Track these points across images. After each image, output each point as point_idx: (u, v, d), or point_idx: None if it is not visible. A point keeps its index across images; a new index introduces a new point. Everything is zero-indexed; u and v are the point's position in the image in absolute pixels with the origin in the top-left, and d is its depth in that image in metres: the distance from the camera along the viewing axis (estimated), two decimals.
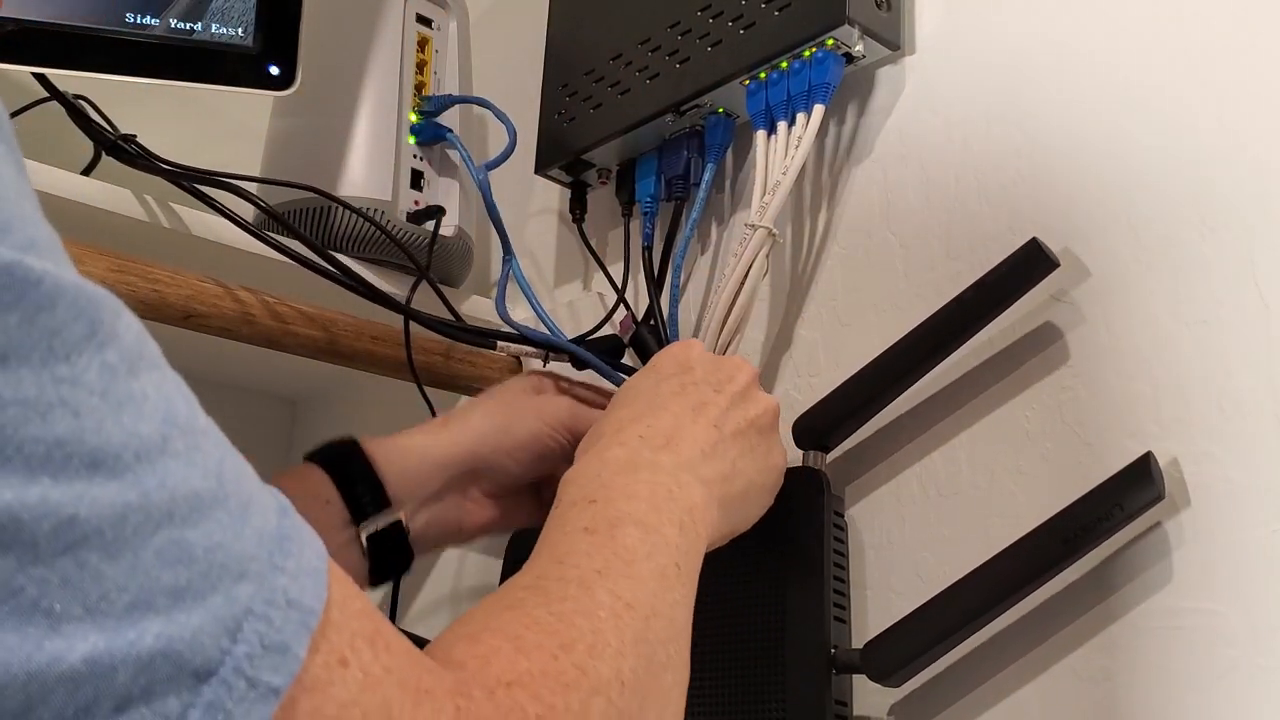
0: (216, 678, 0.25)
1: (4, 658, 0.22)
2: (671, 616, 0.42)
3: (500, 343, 0.74)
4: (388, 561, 0.61)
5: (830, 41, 0.68)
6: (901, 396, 0.64)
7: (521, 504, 0.67)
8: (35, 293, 0.25)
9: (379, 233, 0.81)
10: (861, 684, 0.59)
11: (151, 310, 0.67)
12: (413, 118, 0.85)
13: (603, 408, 0.65)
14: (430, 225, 0.83)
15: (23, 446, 0.24)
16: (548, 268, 0.97)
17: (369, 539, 0.60)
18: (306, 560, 0.29)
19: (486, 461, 0.64)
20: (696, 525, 0.49)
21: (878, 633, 0.58)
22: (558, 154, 0.85)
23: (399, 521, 0.61)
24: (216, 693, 0.25)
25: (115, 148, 0.70)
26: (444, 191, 0.87)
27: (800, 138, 0.68)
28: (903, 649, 0.56)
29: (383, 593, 0.87)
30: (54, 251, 0.26)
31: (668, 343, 0.75)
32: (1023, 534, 0.54)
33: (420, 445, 0.63)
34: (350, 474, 0.60)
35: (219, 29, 0.71)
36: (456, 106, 0.88)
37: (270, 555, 0.28)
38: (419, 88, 0.87)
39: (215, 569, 0.26)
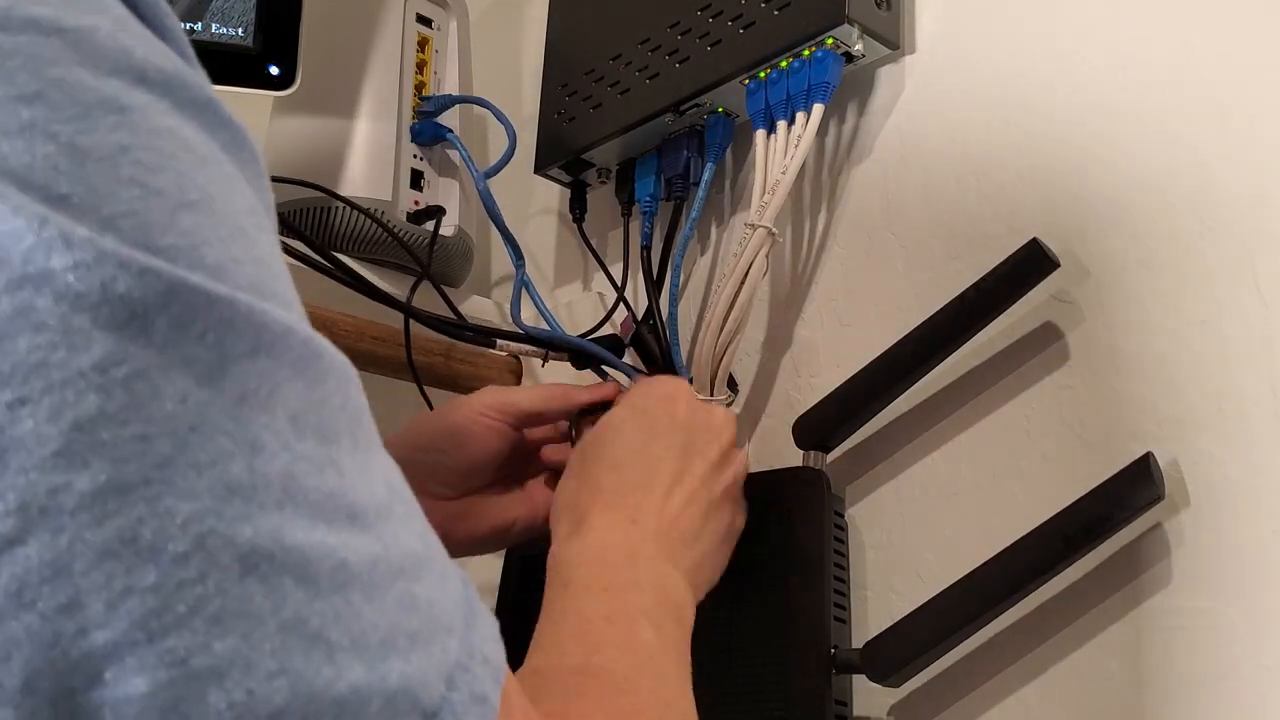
0: (438, 719, 0.28)
1: (292, 680, 0.25)
2: (686, 709, 0.47)
3: (500, 341, 0.74)
4: None
5: (830, 41, 0.68)
6: (902, 396, 0.64)
7: (468, 512, 0.67)
8: (317, 365, 0.29)
9: (379, 233, 0.81)
10: (861, 684, 0.59)
11: None
12: (412, 118, 0.85)
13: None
14: (430, 225, 0.83)
15: (308, 495, 0.27)
16: (547, 268, 0.97)
17: None
18: (488, 624, 0.32)
19: (415, 460, 0.64)
20: (685, 623, 0.53)
21: (878, 633, 0.58)
22: (557, 153, 0.85)
23: None
24: None
25: None
26: (444, 191, 0.87)
27: (800, 137, 0.68)
28: (903, 649, 0.56)
29: None
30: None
31: (667, 344, 0.75)
32: (1023, 534, 0.54)
33: None
34: None
35: (219, 29, 0.72)
36: (456, 106, 0.88)
37: (465, 616, 0.31)
38: (419, 88, 0.87)
39: (433, 621, 0.29)
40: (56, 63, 0.26)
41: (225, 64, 0.71)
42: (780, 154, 0.69)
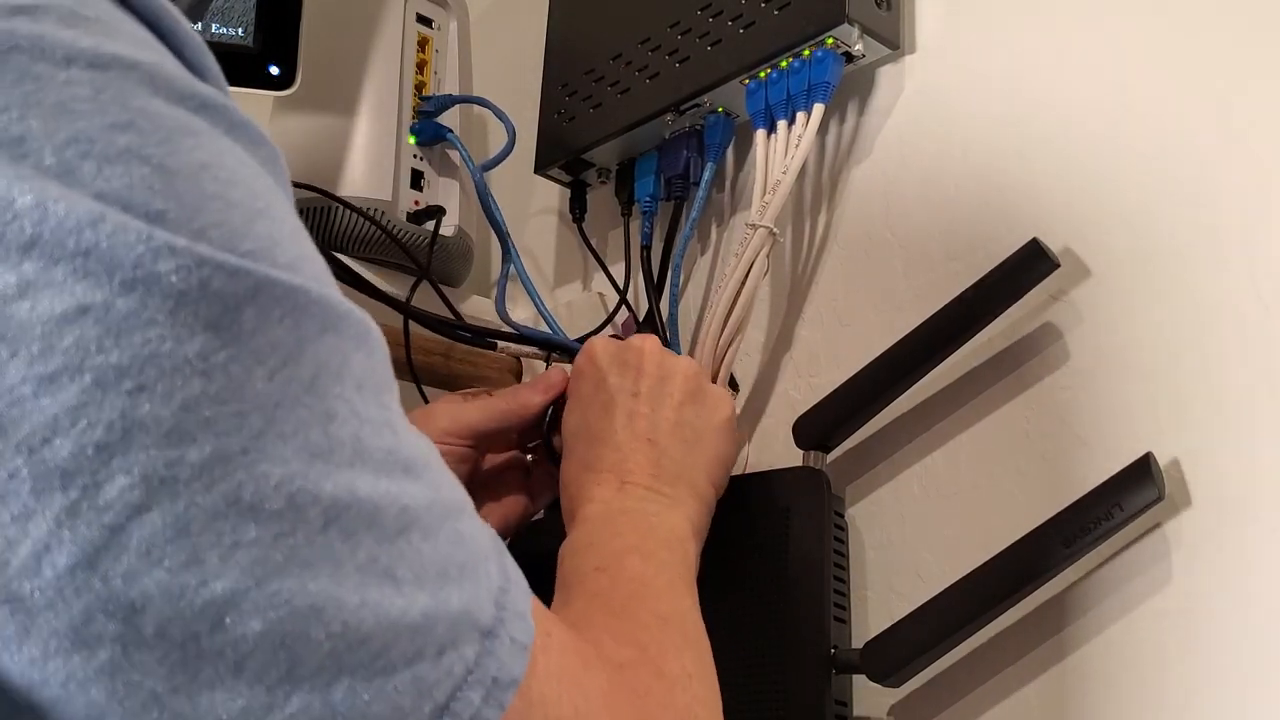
0: (493, 635, 0.32)
1: (375, 610, 0.29)
2: (695, 620, 0.51)
3: (501, 343, 0.74)
4: None
5: (830, 41, 0.68)
6: (901, 396, 0.64)
7: None
8: (370, 338, 0.33)
9: (379, 233, 0.81)
10: (861, 684, 0.59)
11: None
12: (412, 118, 0.85)
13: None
14: (430, 225, 0.83)
15: (373, 453, 0.31)
16: (547, 268, 0.97)
17: None
18: (506, 552, 0.36)
19: None
20: (683, 544, 0.55)
21: (878, 633, 0.58)
22: (557, 153, 0.85)
23: None
24: (494, 646, 0.32)
25: None
26: (444, 191, 0.87)
27: (800, 137, 0.68)
28: (903, 649, 0.56)
29: None
30: None
31: (667, 344, 0.75)
32: (1023, 534, 0.54)
33: None
34: None
35: (219, 29, 0.72)
36: (456, 106, 0.88)
37: (494, 543, 0.36)
38: (419, 88, 0.87)
39: (477, 553, 0.34)
40: (138, 94, 0.29)
41: (225, 64, 0.71)
42: (780, 154, 0.69)
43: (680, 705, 0.44)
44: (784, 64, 0.70)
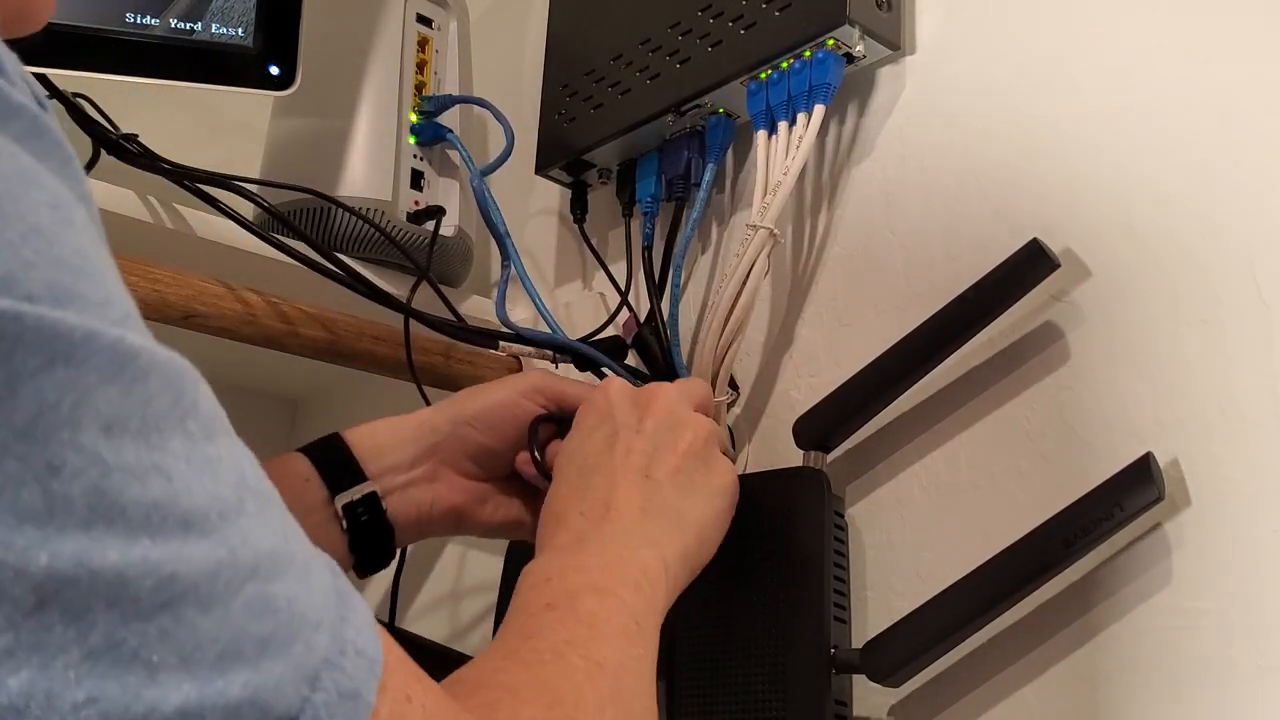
0: None
1: (105, 708, 0.24)
2: (638, 672, 0.46)
3: (502, 343, 0.74)
4: (368, 542, 0.62)
5: (830, 41, 0.68)
6: (901, 396, 0.64)
7: (491, 497, 0.67)
8: (132, 366, 0.26)
9: (379, 232, 0.81)
10: (861, 684, 0.59)
11: (152, 310, 0.67)
12: (413, 118, 0.85)
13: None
14: (430, 225, 0.83)
15: (125, 509, 0.25)
16: (548, 268, 0.97)
17: (345, 510, 0.61)
18: (363, 614, 0.31)
19: (453, 433, 0.65)
20: (652, 585, 0.51)
21: (878, 633, 0.58)
22: (558, 154, 0.85)
23: (374, 494, 0.62)
24: None
25: (117, 147, 0.70)
26: (444, 191, 0.87)
27: (801, 138, 0.68)
28: (903, 649, 0.56)
29: (383, 592, 0.87)
30: (140, 324, 0.28)
31: (668, 345, 0.75)
32: (1023, 534, 0.54)
33: (392, 422, 0.65)
34: (327, 454, 0.63)
35: (219, 29, 0.72)
36: (456, 106, 0.88)
37: (335, 608, 0.30)
38: (419, 88, 0.87)
39: (295, 619, 0.28)
40: None
41: (225, 64, 0.71)
42: (781, 155, 0.69)
43: None
44: (784, 65, 0.70)
